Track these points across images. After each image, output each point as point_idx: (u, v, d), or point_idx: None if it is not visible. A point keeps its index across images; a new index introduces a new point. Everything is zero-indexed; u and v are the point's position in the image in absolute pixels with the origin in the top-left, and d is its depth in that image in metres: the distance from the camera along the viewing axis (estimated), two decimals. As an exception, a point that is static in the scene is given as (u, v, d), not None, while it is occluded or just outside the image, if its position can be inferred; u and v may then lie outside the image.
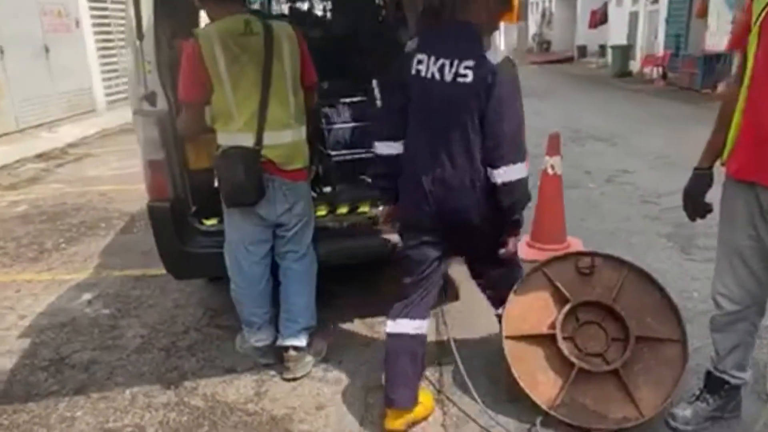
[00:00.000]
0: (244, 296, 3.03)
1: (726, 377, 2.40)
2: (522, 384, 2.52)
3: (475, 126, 2.30)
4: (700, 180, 2.29)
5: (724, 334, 2.36)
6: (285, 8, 5.45)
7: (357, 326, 3.48)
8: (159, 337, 3.47)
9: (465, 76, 2.26)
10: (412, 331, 2.57)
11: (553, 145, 4.15)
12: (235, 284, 3.03)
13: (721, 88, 12.10)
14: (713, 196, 2.32)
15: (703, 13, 13.99)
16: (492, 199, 2.36)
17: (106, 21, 12.08)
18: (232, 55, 2.68)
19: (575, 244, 4.25)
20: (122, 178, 7.23)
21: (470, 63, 2.25)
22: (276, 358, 3.08)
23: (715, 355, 2.43)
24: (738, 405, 2.48)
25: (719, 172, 2.28)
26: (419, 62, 2.36)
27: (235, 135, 2.75)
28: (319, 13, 5.35)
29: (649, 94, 13.91)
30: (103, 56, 11.96)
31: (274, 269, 3.07)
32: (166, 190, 3.04)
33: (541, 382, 2.54)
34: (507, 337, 2.61)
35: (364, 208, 3.35)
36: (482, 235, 2.49)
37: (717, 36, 12.84)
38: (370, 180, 3.31)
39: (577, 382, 2.49)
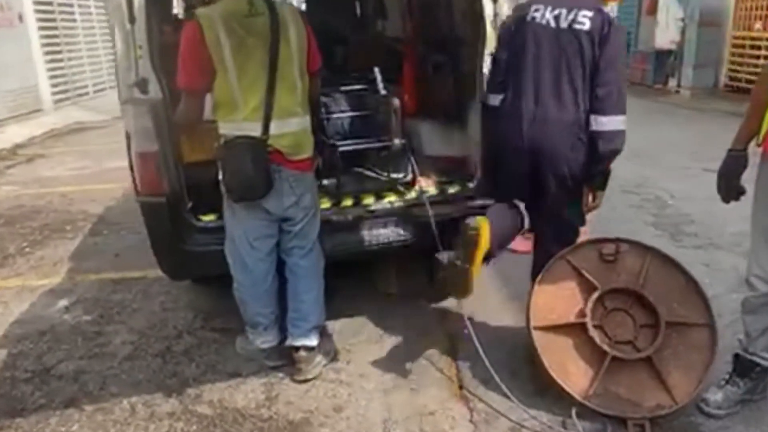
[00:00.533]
0: (249, 295, 2.85)
1: (757, 359, 2.39)
2: (554, 375, 2.45)
3: (586, 74, 2.47)
4: (736, 161, 2.27)
5: (756, 316, 2.35)
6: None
7: (360, 324, 3.34)
8: (151, 343, 3.24)
9: (582, 23, 2.44)
10: None
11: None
12: (238, 283, 2.85)
13: (671, 82, 12.50)
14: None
15: (653, 11, 14.39)
16: (582, 149, 2.52)
17: (51, 16, 11.44)
18: (237, 38, 2.50)
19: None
20: (83, 178, 6.85)
21: (588, 13, 2.44)
22: (284, 360, 2.93)
23: (745, 338, 2.43)
24: (766, 386, 2.47)
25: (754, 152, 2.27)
26: (535, 10, 2.55)
27: (241, 124, 2.57)
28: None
29: (603, 90, 14.21)
30: (49, 52, 11.31)
31: (279, 266, 2.91)
32: (162, 185, 2.83)
33: (573, 373, 2.48)
34: (535, 328, 2.53)
35: (368, 200, 3.21)
36: (561, 183, 2.59)
37: (667, 32, 13.21)
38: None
39: (609, 370, 2.44)
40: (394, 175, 3.23)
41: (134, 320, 3.50)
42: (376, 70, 3.29)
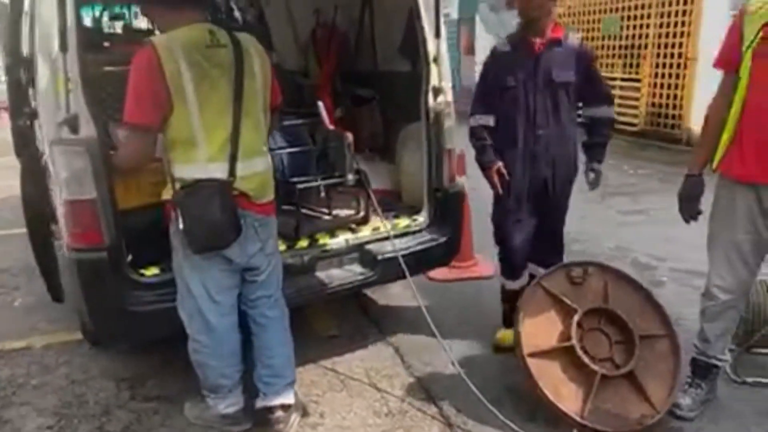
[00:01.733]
0: (213, 356, 2.54)
1: (714, 361, 2.66)
2: (552, 399, 2.51)
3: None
4: (694, 185, 2.54)
5: (715, 323, 2.62)
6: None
7: (315, 372, 3.14)
8: (74, 425, 2.73)
9: None
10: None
11: (460, 165, 4.26)
12: (198, 344, 2.52)
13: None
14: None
15: (470, 50, 15.80)
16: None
17: None
18: (200, 70, 2.25)
19: (480, 260, 4.39)
20: None
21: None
22: (249, 423, 2.64)
23: (703, 343, 2.68)
24: (716, 385, 2.76)
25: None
26: None
27: (204, 165, 2.30)
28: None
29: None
30: None
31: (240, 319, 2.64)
32: (101, 237, 2.44)
33: (565, 395, 2.55)
34: (529, 355, 2.58)
35: (323, 240, 3.05)
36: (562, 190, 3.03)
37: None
38: None
39: (597, 388, 2.55)
40: (346, 212, 3.11)
41: (41, 400, 2.93)
42: (320, 104, 3.17)
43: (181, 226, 2.29)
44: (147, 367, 3.15)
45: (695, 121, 8.88)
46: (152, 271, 2.67)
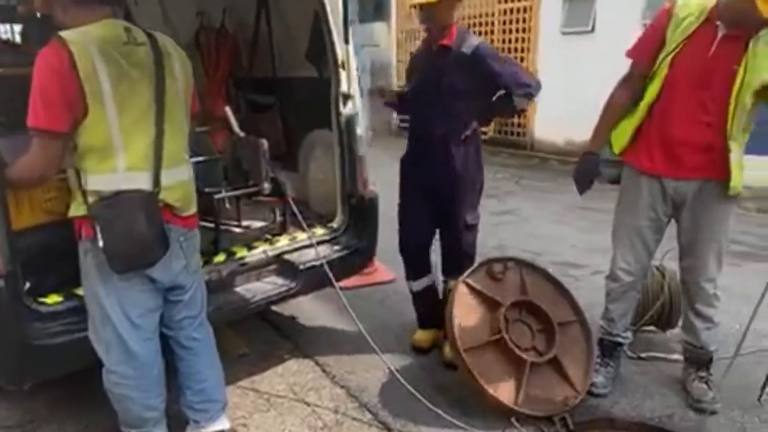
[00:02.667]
0: (136, 387, 2.28)
1: (619, 339, 2.93)
2: (490, 391, 2.60)
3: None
4: (591, 161, 2.77)
5: (619, 303, 2.87)
6: None
7: (236, 394, 2.95)
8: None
9: None
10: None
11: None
12: (118, 375, 2.26)
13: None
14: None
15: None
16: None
17: None
18: (118, 69, 2.04)
19: (380, 267, 4.43)
20: None
21: None
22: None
23: (608, 323, 2.93)
24: (620, 362, 3.03)
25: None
26: None
27: (124, 175, 2.08)
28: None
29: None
30: None
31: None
32: (-4, 263, 2.09)
33: (501, 385, 2.66)
34: (465, 351, 2.64)
35: (241, 253, 2.88)
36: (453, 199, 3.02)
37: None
38: None
39: (528, 376, 2.69)
40: (262, 223, 2.97)
41: None
42: (228, 110, 2.99)
43: (100, 243, 2.04)
44: (39, 411, 2.76)
45: (538, 130, 9.76)
46: (55, 298, 2.35)
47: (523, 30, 9.70)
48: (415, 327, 3.40)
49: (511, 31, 9.86)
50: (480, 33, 10.44)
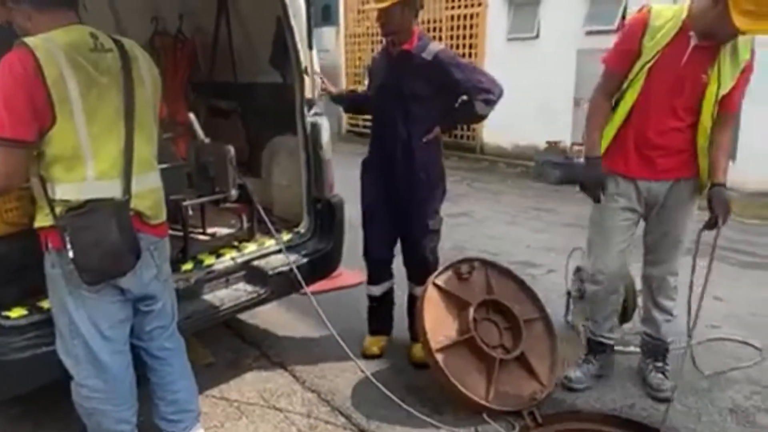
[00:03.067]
0: (108, 400, 2.23)
1: (603, 340, 2.99)
2: (461, 389, 2.66)
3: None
4: (598, 165, 2.73)
5: (602, 305, 2.94)
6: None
7: (207, 404, 2.91)
8: None
9: None
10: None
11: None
12: (88, 389, 2.20)
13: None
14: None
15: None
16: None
17: None
18: (86, 76, 2.00)
19: (344, 270, 4.44)
20: None
21: None
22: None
23: (593, 324, 3.00)
24: (612, 364, 3.09)
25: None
26: None
27: (93, 183, 2.04)
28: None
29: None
30: None
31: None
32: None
33: (471, 383, 2.72)
34: (437, 350, 2.70)
35: (209, 261, 2.85)
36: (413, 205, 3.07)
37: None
38: None
39: (497, 373, 2.77)
40: (229, 229, 2.95)
41: None
42: (192, 116, 2.95)
43: (70, 255, 1.99)
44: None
45: (487, 134, 9.99)
46: (19, 312, 2.27)
47: (471, 36, 9.92)
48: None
49: (458, 37, 10.05)
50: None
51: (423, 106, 2.97)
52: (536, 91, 8.62)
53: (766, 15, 2.27)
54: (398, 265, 3.31)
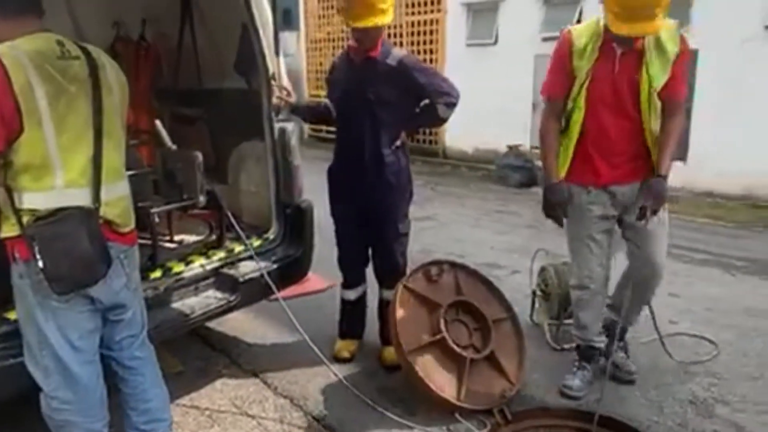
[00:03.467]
0: (78, 412, 2.19)
1: (593, 344, 3.02)
2: (435, 389, 2.70)
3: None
4: (561, 190, 2.81)
5: (588, 310, 2.97)
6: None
7: (177, 413, 2.88)
8: None
9: None
10: None
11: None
12: (58, 401, 2.16)
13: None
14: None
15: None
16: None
17: None
18: (55, 85, 1.97)
19: (312, 276, 4.44)
20: None
21: None
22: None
23: (581, 330, 3.01)
24: (603, 367, 3.01)
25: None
26: None
27: (62, 192, 2.01)
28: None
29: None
30: None
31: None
32: None
33: (443, 383, 2.77)
34: (409, 352, 2.73)
35: (178, 268, 2.82)
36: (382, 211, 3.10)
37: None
38: None
39: (468, 372, 2.82)
40: (198, 237, 2.93)
41: None
42: (158, 123, 2.92)
43: (39, 264, 1.96)
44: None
45: (449, 138, 10.11)
46: (-19, 323, 2.21)
47: (431, 42, 10.04)
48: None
49: (419, 43, 10.17)
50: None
51: (388, 111, 3.00)
52: (496, 96, 8.79)
53: (629, 18, 2.41)
54: (368, 269, 3.35)
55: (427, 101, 3.03)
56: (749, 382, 3.10)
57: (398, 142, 3.06)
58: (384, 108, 2.98)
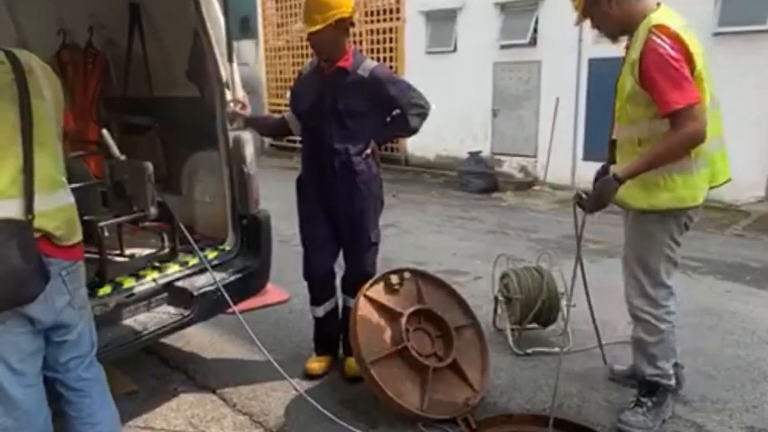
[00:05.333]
0: (21, 438, 2.07)
1: (656, 379, 2.72)
2: (396, 400, 2.65)
3: None
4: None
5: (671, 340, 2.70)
6: None
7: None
8: None
9: None
10: None
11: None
12: (-2, 427, 2.04)
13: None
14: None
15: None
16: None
17: None
18: None
19: (271, 287, 4.35)
20: None
21: None
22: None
23: (665, 362, 2.70)
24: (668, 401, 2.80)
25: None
26: None
27: None
28: None
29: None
30: None
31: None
32: None
33: (405, 393, 2.72)
34: (371, 363, 2.68)
35: (128, 283, 2.71)
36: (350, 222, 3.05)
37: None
38: None
39: (431, 381, 2.78)
40: (149, 250, 2.82)
41: None
42: (105, 132, 2.81)
43: None
44: None
45: (411, 145, 10.13)
46: None
47: (390, 50, 10.06)
48: (312, 345, 3.37)
49: (378, 51, 10.18)
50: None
51: (358, 121, 2.95)
52: (456, 103, 8.85)
53: None
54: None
55: (397, 112, 3.01)
56: (708, 381, 3.14)
57: (368, 151, 3.02)
58: (353, 119, 2.93)
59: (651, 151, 2.40)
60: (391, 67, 9.87)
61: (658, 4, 2.45)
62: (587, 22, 2.59)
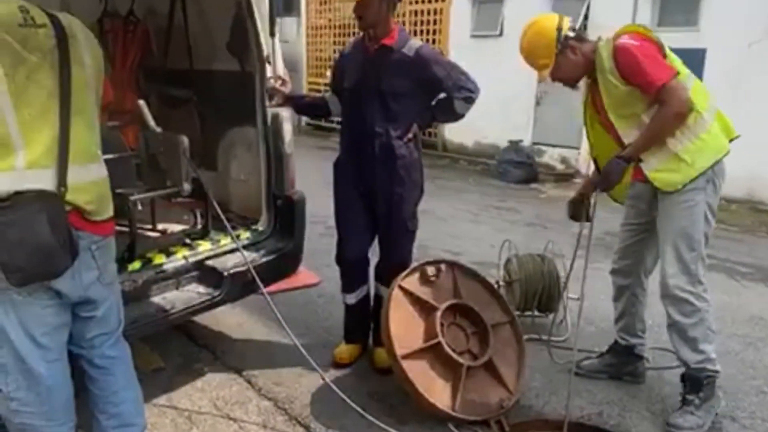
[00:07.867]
0: (40, 415, 2.01)
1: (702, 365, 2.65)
2: (428, 397, 2.54)
3: None
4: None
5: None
6: None
7: (154, 413, 2.72)
8: None
9: None
10: None
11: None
12: (18, 402, 1.98)
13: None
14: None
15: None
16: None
17: None
18: (12, 55, 1.78)
19: (303, 270, 4.26)
20: None
21: None
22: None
23: (711, 348, 2.65)
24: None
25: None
26: None
27: (22, 173, 1.81)
28: None
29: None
30: None
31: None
32: None
33: (437, 390, 2.61)
34: (402, 357, 2.57)
35: (159, 260, 2.64)
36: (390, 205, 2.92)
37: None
38: None
39: (464, 380, 2.66)
40: (182, 226, 2.75)
41: None
42: (142, 103, 2.73)
43: None
44: None
45: (449, 131, 9.93)
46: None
47: (434, 32, 9.83)
48: (342, 332, 3.28)
49: (422, 33, 9.94)
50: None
51: (401, 103, 2.82)
52: (499, 90, 8.57)
53: None
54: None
55: (443, 95, 2.87)
56: (758, 396, 2.95)
57: (410, 135, 2.88)
58: (396, 100, 2.81)
59: (649, 128, 2.53)
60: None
61: (599, 38, 2.66)
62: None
